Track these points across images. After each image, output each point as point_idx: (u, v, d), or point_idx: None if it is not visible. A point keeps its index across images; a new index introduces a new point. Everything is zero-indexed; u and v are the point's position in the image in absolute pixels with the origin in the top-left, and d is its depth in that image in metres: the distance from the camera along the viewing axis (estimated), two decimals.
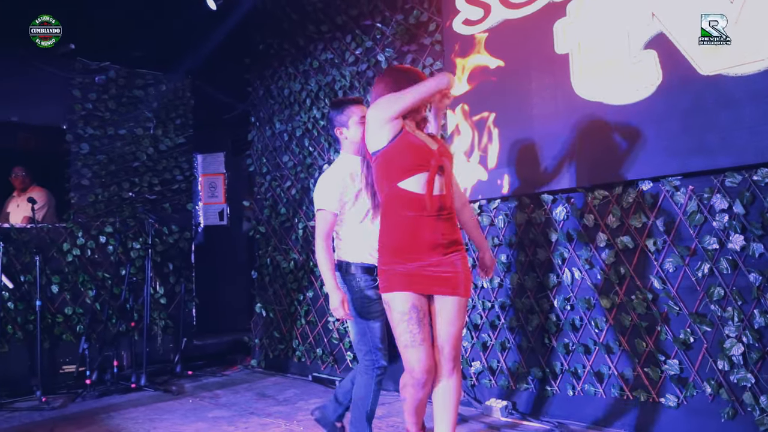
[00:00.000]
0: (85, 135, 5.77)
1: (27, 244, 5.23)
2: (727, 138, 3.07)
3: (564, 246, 3.75)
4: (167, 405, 4.61)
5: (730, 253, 3.10)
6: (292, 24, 5.73)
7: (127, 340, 5.56)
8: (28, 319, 5.17)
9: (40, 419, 4.29)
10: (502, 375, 4.04)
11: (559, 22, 3.76)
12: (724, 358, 3.07)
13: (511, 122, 4.00)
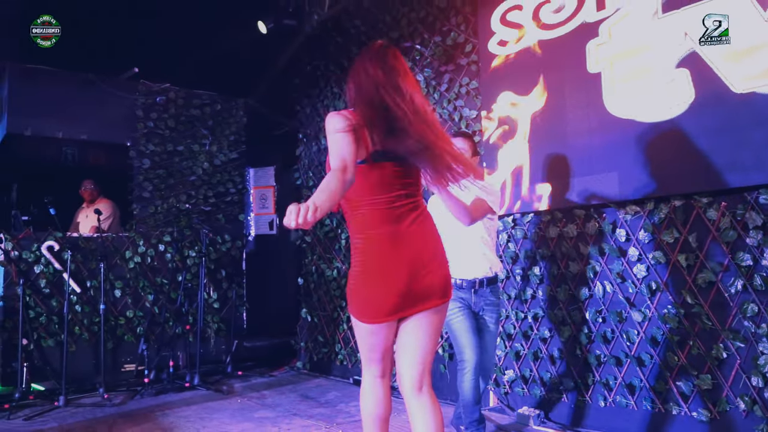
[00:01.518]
0: (147, 151, 5.88)
1: (93, 252, 5.33)
2: (762, 155, 2.90)
3: (596, 259, 3.61)
4: (217, 404, 4.62)
5: (764, 269, 2.92)
6: (337, 47, 5.72)
7: (182, 342, 5.61)
8: (93, 321, 5.26)
9: (102, 415, 4.35)
10: (534, 384, 3.90)
11: (592, 42, 3.63)
12: (759, 374, 2.89)
13: (545, 139, 3.88)
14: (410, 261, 2.09)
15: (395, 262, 2.08)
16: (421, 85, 4.79)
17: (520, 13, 4.05)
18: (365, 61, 2.20)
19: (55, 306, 5.12)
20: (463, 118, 4.47)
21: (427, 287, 2.11)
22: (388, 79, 2.12)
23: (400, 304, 2.10)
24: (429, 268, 2.12)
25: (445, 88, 4.62)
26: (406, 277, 2.08)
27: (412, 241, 2.11)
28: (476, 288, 3.17)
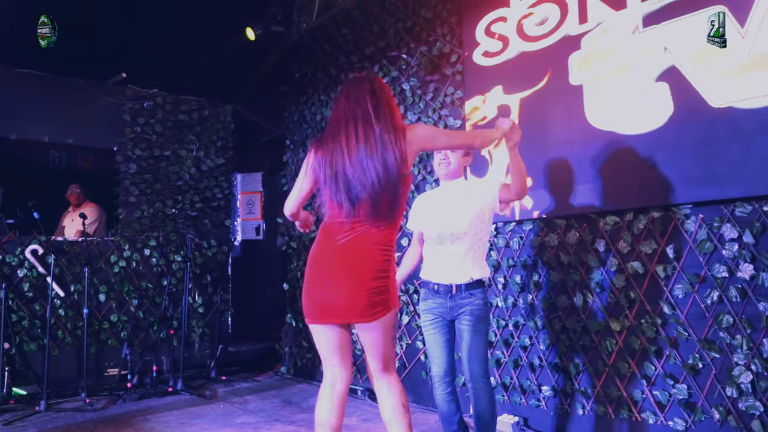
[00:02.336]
0: (134, 156, 5.83)
1: (78, 256, 5.27)
2: (738, 168, 2.91)
3: (576, 269, 3.61)
4: (200, 409, 4.56)
5: (739, 281, 2.92)
6: (325, 55, 5.71)
7: (167, 346, 5.56)
8: (77, 325, 5.20)
9: (82, 420, 4.28)
10: (515, 391, 3.89)
11: (574, 54, 3.64)
12: (733, 385, 2.89)
13: (528, 149, 3.87)
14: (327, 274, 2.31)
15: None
16: (406, 94, 4.78)
17: (504, 24, 4.06)
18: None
19: (38, 310, 5.05)
20: (447, 127, 4.46)
21: (337, 305, 2.28)
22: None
23: (319, 312, 2.32)
24: (345, 285, 2.27)
25: (430, 97, 4.61)
26: (325, 288, 2.31)
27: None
28: (452, 293, 2.96)
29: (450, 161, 3.08)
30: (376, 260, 2.26)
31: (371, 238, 2.27)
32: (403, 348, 4.68)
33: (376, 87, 2.37)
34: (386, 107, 2.33)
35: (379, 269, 2.27)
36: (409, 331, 4.65)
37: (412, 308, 4.62)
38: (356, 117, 2.30)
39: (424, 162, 4.62)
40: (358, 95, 2.33)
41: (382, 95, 2.35)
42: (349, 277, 2.25)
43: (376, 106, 2.30)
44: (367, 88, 2.35)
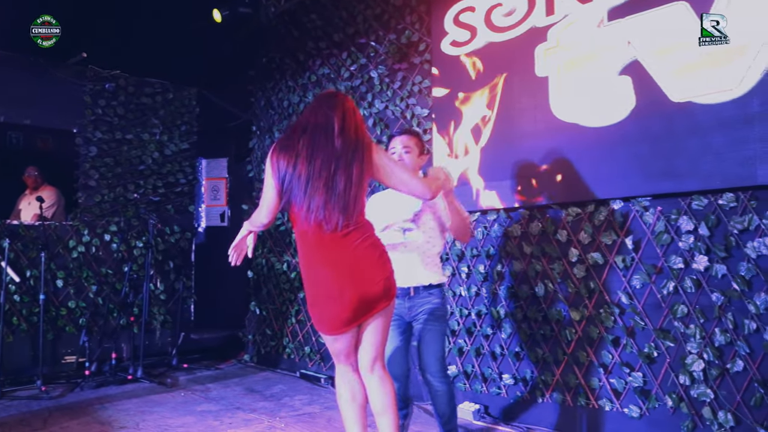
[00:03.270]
0: (94, 139, 5.69)
1: (34, 240, 5.13)
2: (695, 163, 2.98)
3: (538, 259, 3.66)
4: (160, 397, 4.51)
5: (694, 272, 3.00)
6: (293, 40, 5.65)
7: (127, 334, 5.46)
8: (32, 311, 5.07)
9: (37, 408, 4.19)
10: (476, 380, 3.94)
11: (541, 46, 3.67)
12: (686, 373, 2.97)
13: (494, 139, 3.91)
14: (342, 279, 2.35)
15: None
16: (374, 82, 4.77)
17: (472, 14, 4.06)
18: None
19: None
20: (415, 116, 4.46)
21: (351, 305, 2.34)
22: None
23: (348, 319, 2.37)
24: (355, 283, 2.33)
25: (398, 86, 4.60)
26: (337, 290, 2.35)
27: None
28: (410, 295, 2.93)
29: (405, 162, 3.03)
30: (373, 257, 2.33)
31: (357, 240, 2.31)
32: None
33: (348, 104, 2.43)
34: (354, 122, 2.38)
35: (377, 264, 2.33)
36: None
37: None
38: (324, 126, 2.34)
39: None
40: (329, 106, 2.38)
41: (352, 112, 2.41)
42: (353, 284, 2.29)
43: (344, 118, 2.36)
44: (338, 102, 2.41)
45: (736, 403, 2.83)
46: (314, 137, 2.32)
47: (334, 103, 2.40)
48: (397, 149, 3.05)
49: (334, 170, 2.28)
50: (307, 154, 2.30)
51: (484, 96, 3.96)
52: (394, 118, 4.63)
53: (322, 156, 2.29)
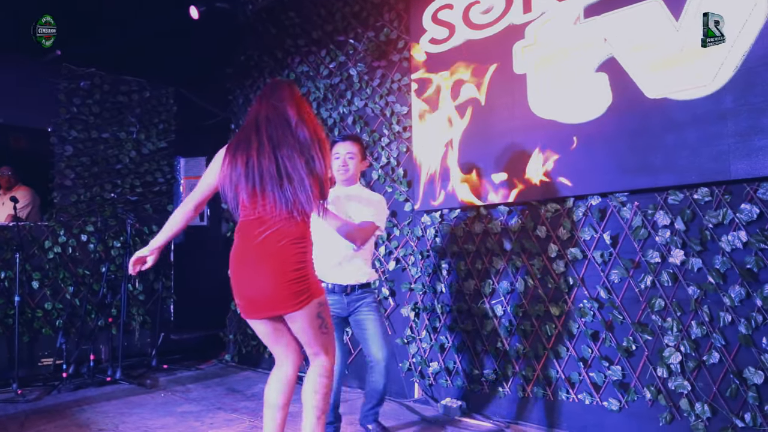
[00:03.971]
0: (69, 137, 5.59)
1: (8, 241, 5.03)
2: (671, 158, 3.02)
3: (518, 255, 3.68)
4: (140, 399, 4.45)
5: (671, 266, 3.04)
6: (271, 37, 5.60)
7: (105, 335, 5.38)
8: (7, 313, 4.97)
9: (13, 411, 4.11)
10: (458, 376, 3.95)
11: (518, 43, 3.69)
12: (663, 365, 3.01)
13: (473, 137, 3.92)
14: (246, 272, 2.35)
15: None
16: (353, 79, 4.75)
17: (450, 12, 4.07)
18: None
19: None
20: (394, 113, 4.46)
21: (261, 301, 2.33)
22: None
23: (248, 308, 2.38)
24: (263, 282, 2.30)
25: (377, 83, 4.59)
26: (247, 286, 2.36)
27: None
28: (347, 292, 3.11)
29: (348, 167, 3.17)
30: (293, 254, 2.28)
31: (287, 233, 2.27)
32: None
33: (297, 93, 2.41)
34: (305, 112, 2.36)
35: (296, 261, 2.28)
36: None
37: None
38: (275, 118, 2.32)
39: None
40: (279, 98, 2.35)
41: (301, 101, 2.39)
42: (269, 273, 2.26)
43: (297, 110, 2.34)
44: (287, 93, 2.38)
45: (712, 394, 2.88)
46: (270, 130, 2.29)
47: (284, 95, 2.37)
48: (341, 154, 3.16)
49: (295, 162, 2.25)
50: (268, 149, 2.26)
51: (463, 93, 3.96)
52: (374, 116, 4.62)
53: (284, 150, 2.26)
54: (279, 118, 2.32)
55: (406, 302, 4.29)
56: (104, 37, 5.36)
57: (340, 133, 4.85)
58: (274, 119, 2.32)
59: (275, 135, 2.29)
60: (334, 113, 4.92)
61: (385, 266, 4.47)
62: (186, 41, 5.80)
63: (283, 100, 2.35)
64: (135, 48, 5.52)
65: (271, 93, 2.40)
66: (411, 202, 4.30)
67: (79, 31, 5.28)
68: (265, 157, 2.27)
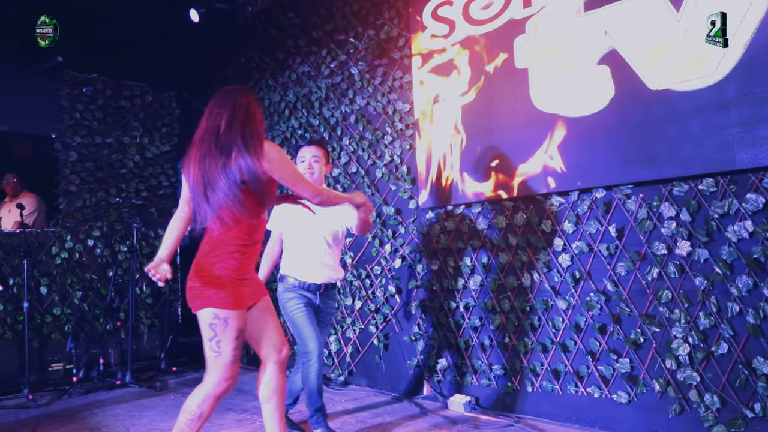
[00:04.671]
0: (73, 143, 5.60)
1: (16, 248, 5.05)
2: (675, 150, 3.00)
3: (523, 250, 3.67)
4: (150, 401, 4.46)
5: (677, 258, 3.03)
6: (271, 39, 5.60)
7: (114, 339, 5.40)
8: (17, 319, 4.99)
9: (25, 417, 4.13)
10: (466, 372, 3.95)
11: (519, 38, 3.67)
12: (672, 357, 3.00)
13: (475, 132, 3.92)
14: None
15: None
16: (355, 78, 4.74)
17: (450, 8, 4.06)
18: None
19: None
20: (396, 111, 4.45)
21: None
22: None
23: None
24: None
25: (378, 81, 4.59)
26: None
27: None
28: (321, 291, 3.29)
29: (314, 170, 3.31)
30: (200, 262, 2.37)
31: (208, 242, 2.36)
32: (356, 333, 4.69)
33: (240, 102, 2.35)
34: (242, 123, 2.31)
35: (200, 269, 2.36)
36: (362, 316, 4.66)
37: (364, 293, 4.62)
38: (210, 130, 2.32)
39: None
40: (219, 109, 2.34)
41: (243, 111, 2.34)
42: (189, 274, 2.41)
43: (231, 121, 2.30)
44: (229, 103, 2.35)
45: (721, 384, 2.87)
46: (203, 141, 2.31)
47: (225, 102, 2.35)
48: (306, 158, 3.32)
49: (212, 175, 2.26)
50: (197, 159, 2.30)
51: (465, 88, 3.96)
52: (376, 114, 4.62)
53: (207, 160, 2.27)
54: (211, 127, 2.32)
55: (413, 299, 4.29)
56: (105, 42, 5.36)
57: (343, 132, 4.85)
58: (211, 131, 2.32)
59: (204, 146, 2.31)
60: (336, 112, 4.92)
61: (391, 264, 4.47)
62: (186, 44, 5.81)
63: (224, 110, 2.33)
64: (136, 52, 5.54)
65: (214, 102, 2.38)
66: (415, 199, 4.29)
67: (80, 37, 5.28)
68: (195, 167, 2.31)
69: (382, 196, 4.55)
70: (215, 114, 2.34)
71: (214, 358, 2.36)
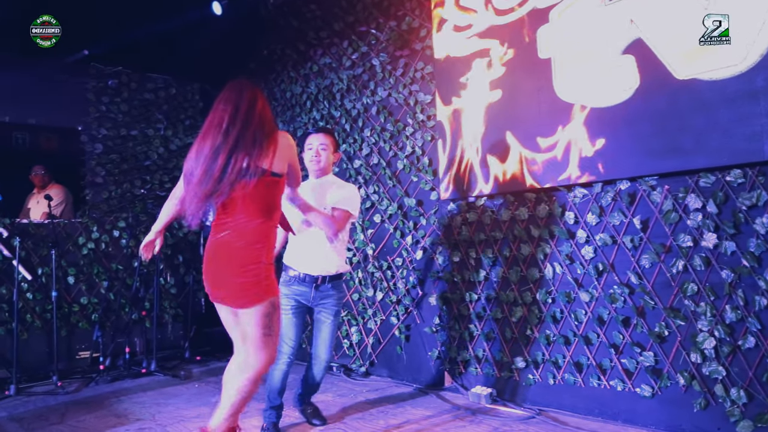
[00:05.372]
0: (99, 136, 5.69)
1: (44, 238, 5.15)
2: (702, 140, 2.95)
3: (546, 242, 3.64)
4: (174, 389, 4.53)
5: (703, 250, 2.98)
6: (293, 31, 5.61)
7: (139, 328, 5.49)
8: (46, 308, 5.10)
9: (54, 403, 4.22)
10: (487, 363, 3.94)
11: (543, 28, 3.63)
12: (697, 351, 2.96)
13: (498, 122, 3.89)
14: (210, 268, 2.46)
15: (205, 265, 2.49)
16: (376, 69, 4.73)
17: None
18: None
19: (5, 294, 4.93)
20: (418, 102, 4.43)
21: (219, 294, 2.45)
22: None
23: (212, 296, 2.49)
24: (220, 278, 2.42)
25: (400, 72, 4.57)
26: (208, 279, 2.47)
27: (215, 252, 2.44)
28: (318, 284, 3.21)
29: (321, 158, 3.27)
30: (244, 256, 2.36)
31: (242, 236, 2.37)
32: (377, 324, 4.70)
33: (246, 97, 2.40)
34: (253, 117, 2.37)
35: (248, 263, 2.37)
36: (383, 307, 4.67)
37: (386, 284, 4.63)
38: (221, 123, 2.34)
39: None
40: (228, 102, 2.38)
41: (252, 105, 2.39)
42: (221, 271, 2.40)
43: (236, 112, 2.35)
44: (234, 95, 2.40)
45: (748, 379, 2.82)
46: (207, 135, 2.34)
47: (230, 97, 2.40)
48: (314, 146, 3.29)
49: (213, 167, 2.29)
50: (208, 151, 2.32)
51: (488, 79, 3.93)
52: (398, 105, 4.60)
53: (210, 152, 2.31)
54: (225, 123, 2.35)
55: (433, 291, 4.28)
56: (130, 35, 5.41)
57: (365, 124, 4.85)
58: (222, 124, 2.36)
59: (220, 142, 2.33)
60: (357, 104, 4.92)
61: (412, 255, 4.46)
62: (209, 37, 5.83)
63: (234, 103, 2.38)
64: (160, 45, 5.58)
65: (226, 95, 2.43)
66: (437, 190, 4.28)
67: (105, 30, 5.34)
68: (213, 163, 2.35)
69: (403, 187, 4.55)
70: (224, 110, 2.36)
71: (267, 338, 2.45)
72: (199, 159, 2.33)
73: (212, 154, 2.30)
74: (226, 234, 2.40)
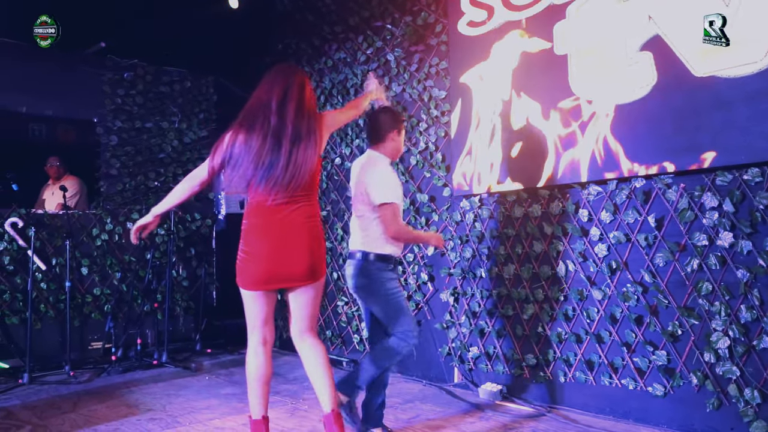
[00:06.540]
0: (114, 128, 5.74)
1: (59, 229, 5.21)
2: (719, 138, 2.93)
3: (559, 239, 3.63)
4: (185, 381, 4.57)
5: (718, 249, 2.96)
6: (309, 25, 5.62)
7: (151, 320, 5.54)
8: (59, 298, 5.16)
9: (66, 392, 4.27)
10: (498, 360, 3.94)
11: (559, 24, 3.62)
12: (711, 350, 2.94)
13: (513, 120, 3.88)
14: (272, 247, 2.49)
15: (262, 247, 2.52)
16: (391, 65, 4.74)
17: None
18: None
19: (20, 283, 5.00)
20: (432, 98, 4.43)
21: (287, 272, 2.50)
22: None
23: (266, 280, 2.52)
24: (289, 255, 2.48)
25: (415, 68, 4.57)
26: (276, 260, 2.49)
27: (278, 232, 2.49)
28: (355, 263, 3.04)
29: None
30: (313, 231, 2.53)
31: (305, 213, 2.51)
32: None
33: (296, 80, 2.52)
34: (303, 99, 2.51)
35: (321, 236, 2.57)
36: None
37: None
38: (276, 105, 2.46)
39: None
40: (280, 84, 2.50)
41: (302, 88, 2.53)
42: (297, 248, 2.48)
43: (299, 96, 2.50)
44: (286, 80, 2.51)
45: (762, 379, 2.81)
46: (257, 115, 2.46)
47: (278, 79, 2.52)
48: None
49: (272, 146, 2.42)
50: (252, 131, 2.45)
51: (503, 75, 3.92)
52: (412, 101, 4.61)
53: (263, 133, 2.43)
54: (279, 105, 2.48)
55: (445, 287, 4.28)
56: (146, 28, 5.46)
57: None
58: (276, 106, 2.48)
59: (276, 124, 2.48)
60: None
61: (424, 251, 4.47)
62: (225, 31, 5.87)
63: (285, 85, 2.51)
64: (176, 38, 5.62)
65: (276, 77, 2.54)
66: (449, 186, 4.28)
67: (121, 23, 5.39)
68: (255, 140, 2.50)
69: (416, 183, 4.55)
70: (271, 92, 2.48)
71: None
72: (252, 147, 2.44)
73: (273, 143, 2.42)
74: (290, 212, 2.48)
